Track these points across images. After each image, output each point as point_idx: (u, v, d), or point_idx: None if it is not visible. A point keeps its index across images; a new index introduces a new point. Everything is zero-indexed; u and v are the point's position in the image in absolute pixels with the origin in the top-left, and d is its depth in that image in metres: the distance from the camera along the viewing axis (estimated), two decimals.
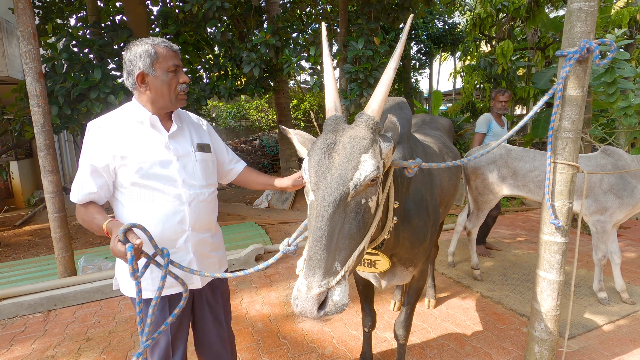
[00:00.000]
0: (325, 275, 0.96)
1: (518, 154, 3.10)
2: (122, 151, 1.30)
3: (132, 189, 1.33)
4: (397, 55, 1.17)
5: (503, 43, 6.58)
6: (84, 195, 1.32)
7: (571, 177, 1.74)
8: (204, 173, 1.46)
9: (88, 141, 1.32)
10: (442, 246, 4.03)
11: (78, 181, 1.32)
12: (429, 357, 2.30)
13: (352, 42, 4.60)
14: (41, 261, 4.25)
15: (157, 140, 1.36)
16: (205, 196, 1.45)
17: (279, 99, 7.30)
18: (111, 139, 1.30)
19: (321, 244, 0.98)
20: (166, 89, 1.33)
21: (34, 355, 2.44)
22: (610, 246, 2.92)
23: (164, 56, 1.32)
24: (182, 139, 1.43)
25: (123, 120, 1.35)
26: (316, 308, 0.94)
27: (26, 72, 3.07)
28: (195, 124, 1.55)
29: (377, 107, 1.15)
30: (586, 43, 1.56)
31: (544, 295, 1.87)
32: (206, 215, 1.46)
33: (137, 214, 1.34)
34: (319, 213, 1.01)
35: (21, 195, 7.99)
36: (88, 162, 1.30)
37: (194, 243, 1.43)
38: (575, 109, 1.68)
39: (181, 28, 5.04)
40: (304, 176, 1.11)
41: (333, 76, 1.26)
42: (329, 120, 1.17)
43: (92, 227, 1.30)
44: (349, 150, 1.05)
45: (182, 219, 1.38)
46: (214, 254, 1.55)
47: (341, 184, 1.01)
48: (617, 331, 2.52)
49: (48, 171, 3.17)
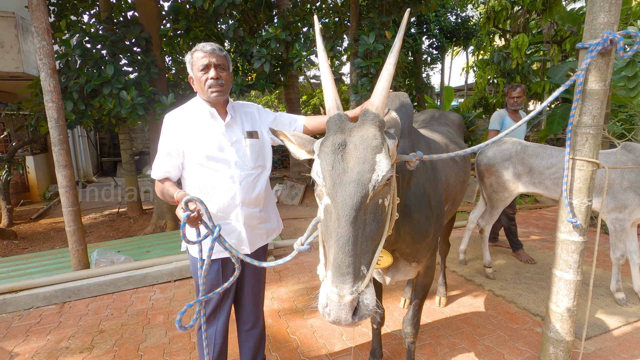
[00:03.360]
0: (355, 281, 0.96)
1: (534, 151, 3.02)
2: (189, 138, 1.58)
3: (196, 169, 1.61)
4: (395, 50, 1.16)
5: (518, 37, 6.43)
6: (161, 173, 1.63)
7: (591, 174, 1.68)
8: (252, 156, 1.67)
9: (164, 130, 1.62)
10: (453, 244, 3.97)
11: (157, 162, 1.63)
12: (439, 355, 2.28)
13: (363, 36, 4.54)
14: (56, 254, 4.34)
15: (216, 128, 1.62)
16: (254, 177, 1.67)
17: (289, 94, 7.28)
18: (180, 128, 1.59)
19: (348, 250, 0.96)
20: (199, 85, 1.59)
21: (49, 345, 2.49)
22: (629, 245, 2.84)
23: (196, 58, 1.57)
24: (236, 127, 1.67)
25: (190, 113, 1.63)
26: (351, 315, 0.95)
27: (40, 67, 3.11)
28: (247, 113, 1.75)
29: (380, 104, 1.13)
30: (609, 34, 1.50)
31: (560, 296, 1.82)
32: (255, 192, 1.68)
33: (198, 191, 1.61)
34: (340, 218, 0.98)
35: (37, 189, 8.17)
36: (164, 147, 1.61)
37: (245, 216, 1.66)
38: (597, 103, 1.62)
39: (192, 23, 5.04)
40: (316, 179, 1.08)
41: (330, 73, 1.23)
42: (333, 119, 1.13)
43: (166, 198, 1.60)
44: (363, 151, 1.03)
45: (234, 195, 1.62)
46: (262, 226, 1.77)
47: (360, 187, 0.99)
48: (635, 333, 2.45)
49: (62, 166, 3.21)
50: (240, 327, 1.90)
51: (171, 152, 1.60)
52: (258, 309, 1.88)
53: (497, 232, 4.18)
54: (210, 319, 1.76)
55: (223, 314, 1.77)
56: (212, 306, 1.74)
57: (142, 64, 4.62)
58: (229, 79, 1.63)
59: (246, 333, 1.89)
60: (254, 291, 1.84)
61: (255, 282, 1.83)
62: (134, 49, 4.76)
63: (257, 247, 1.76)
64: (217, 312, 1.75)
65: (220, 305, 1.75)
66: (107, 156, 12.50)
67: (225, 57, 1.61)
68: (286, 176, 7.77)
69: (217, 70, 1.56)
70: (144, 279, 3.34)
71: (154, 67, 4.65)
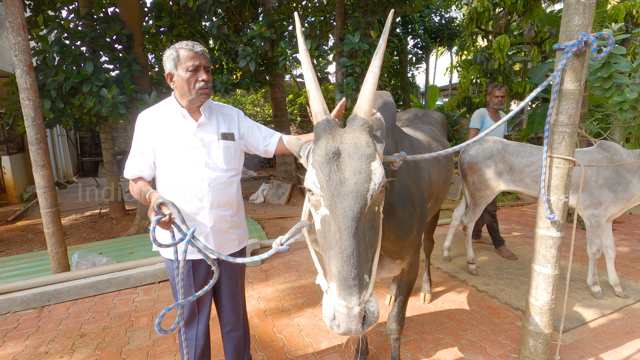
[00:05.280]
0: (361, 292, 0.98)
1: (515, 149, 3.09)
2: (159, 137, 1.57)
3: (166, 169, 1.59)
4: (380, 52, 1.16)
5: (500, 37, 6.57)
6: (134, 172, 1.63)
7: (567, 171, 1.74)
8: (225, 159, 1.65)
9: (136, 129, 1.61)
10: (437, 241, 4.04)
11: (129, 161, 1.63)
12: (424, 351, 2.31)
13: (349, 36, 4.56)
14: (34, 257, 4.21)
15: (187, 128, 1.60)
16: (225, 179, 1.64)
17: (275, 93, 7.24)
18: (152, 128, 1.58)
19: (352, 262, 0.97)
20: (187, 86, 1.54)
21: (27, 351, 2.41)
22: (604, 240, 2.94)
23: (185, 58, 1.52)
24: (209, 128, 1.64)
25: (162, 112, 1.61)
26: (361, 325, 0.98)
27: (16, 64, 3.01)
28: (225, 115, 1.73)
29: (367, 108, 1.13)
30: (584, 36, 1.55)
31: (539, 290, 1.87)
32: (226, 195, 1.65)
33: (168, 190, 1.59)
34: (342, 231, 0.98)
35: (13, 190, 7.90)
36: (136, 146, 1.60)
37: (213, 219, 1.63)
38: (572, 102, 1.67)
39: (175, 21, 4.96)
40: (314, 190, 1.06)
41: (314, 75, 1.19)
42: (322, 125, 1.11)
43: (140, 197, 1.59)
44: (357, 161, 1.03)
45: (202, 197, 1.59)
46: (234, 232, 1.74)
47: (359, 198, 1.00)
48: (610, 324, 2.55)
49: (40, 166, 3.12)
50: (222, 328, 1.89)
51: (143, 151, 1.59)
52: (237, 312, 1.86)
53: (480, 229, 4.27)
54: (190, 322, 1.75)
55: (203, 316, 1.76)
56: (189, 309, 1.72)
57: (124, 62, 4.52)
58: (211, 81, 1.63)
59: (227, 335, 1.89)
60: (231, 293, 1.81)
61: (232, 284, 1.81)
62: (115, 46, 4.65)
63: (227, 252, 1.72)
64: (195, 314, 1.74)
65: (198, 307, 1.74)
66: (88, 156, 12.16)
67: (209, 59, 1.60)
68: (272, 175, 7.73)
69: (206, 72, 1.56)
70: (127, 280, 3.28)
71: (136, 65, 4.55)
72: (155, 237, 1.36)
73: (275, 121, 7.52)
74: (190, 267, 1.67)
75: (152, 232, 1.34)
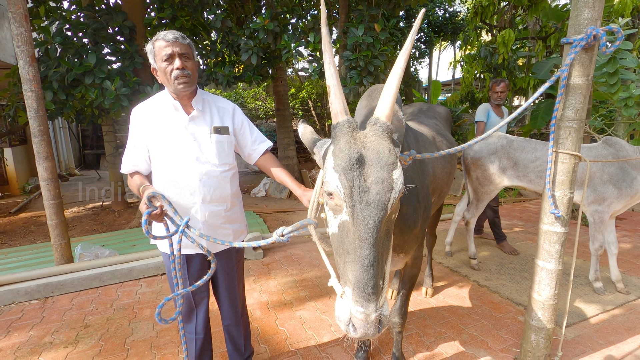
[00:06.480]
0: (378, 298, 1.01)
1: (520, 145, 3.08)
2: (152, 132, 1.55)
3: (159, 163, 1.57)
4: (407, 53, 1.10)
5: (504, 32, 6.50)
6: (129, 167, 1.61)
7: (573, 167, 1.73)
8: (218, 153, 1.61)
9: (131, 123, 1.59)
10: (439, 236, 4.04)
11: (125, 156, 1.61)
12: (426, 344, 2.32)
13: (352, 29, 4.52)
14: (37, 248, 4.23)
15: (178, 122, 1.56)
16: (217, 173, 1.60)
17: (277, 86, 7.21)
18: (145, 122, 1.56)
19: (372, 271, 0.99)
20: (164, 77, 1.51)
21: (32, 341, 2.43)
22: (607, 236, 2.94)
23: (158, 48, 1.48)
24: (201, 122, 1.60)
25: (156, 106, 1.58)
26: (378, 329, 1.01)
27: (18, 55, 2.99)
28: (220, 108, 1.68)
29: (389, 112, 1.09)
30: (593, 30, 1.53)
31: (542, 285, 1.87)
32: (218, 190, 1.62)
33: (161, 184, 1.58)
34: (363, 240, 0.99)
35: (16, 183, 7.92)
36: (130, 140, 1.59)
37: (205, 214, 1.60)
38: (580, 97, 1.66)
39: (177, 12, 4.92)
40: (336, 194, 1.03)
41: (336, 71, 1.14)
42: (343, 125, 1.07)
43: (136, 192, 1.56)
44: (380, 169, 1.01)
45: (193, 192, 1.57)
46: (229, 226, 1.70)
47: (381, 208, 1.00)
48: (611, 320, 2.55)
49: (43, 157, 3.12)
50: (222, 322, 1.90)
51: (137, 146, 1.58)
52: (235, 306, 1.85)
53: (482, 225, 4.27)
54: (189, 316, 1.75)
55: (201, 310, 1.75)
56: (187, 304, 1.72)
57: (126, 54, 4.49)
58: (195, 69, 1.55)
59: (227, 328, 1.89)
60: (227, 287, 1.80)
61: (229, 279, 1.79)
62: (117, 38, 4.63)
63: (220, 247, 1.69)
64: (193, 308, 1.74)
65: (195, 302, 1.73)
66: (90, 148, 12.17)
67: (189, 46, 1.52)
68: None
69: (182, 59, 1.48)
70: (130, 272, 3.29)
71: (138, 57, 4.53)
72: (148, 230, 1.35)
73: (277, 115, 7.50)
74: (184, 261, 1.65)
75: (144, 224, 1.33)
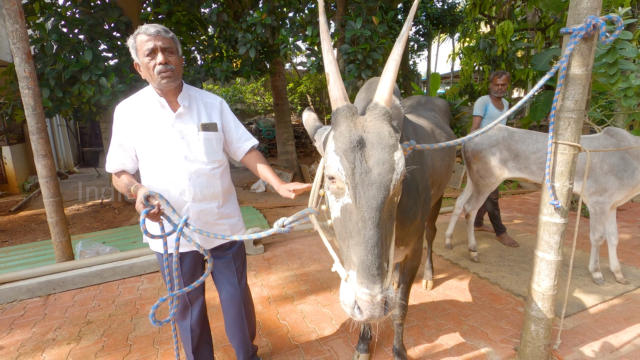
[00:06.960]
0: (383, 280, 1.01)
1: (521, 137, 3.07)
2: (137, 130, 1.50)
3: (146, 162, 1.54)
4: (403, 40, 1.12)
5: (503, 23, 6.46)
6: (115, 166, 1.57)
7: (572, 157, 1.73)
8: (206, 151, 1.57)
9: (114, 121, 1.55)
10: (439, 228, 4.05)
11: (109, 154, 1.57)
12: (426, 336, 2.34)
13: (350, 22, 4.48)
14: (38, 246, 4.24)
15: (164, 120, 1.52)
16: (207, 171, 1.57)
17: (275, 81, 7.17)
18: (129, 119, 1.51)
19: (376, 252, 0.99)
20: (147, 72, 1.47)
21: (35, 337, 2.45)
22: (608, 227, 2.95)
23: (140, 42, 1.43)
24: (188, 119, 1.56)
25: (140, 103, 1.53)
26: (384, 310, 1.01)
27: (14, 52, 2.97)
28: (207, 103, 1.64)
29: (388, 97, 1.11)
30: (592, 19, 1.52)
31: (541, 276, 1.88)
32: (209, 188, 1.59)
33: (150, 183, 1.54)
34: (367, 220, 0.99)
35: (15, 181, 7.91)
36: (115, 139, 1.54)
37: (196, 212, 1.58)
38: (579, 88, 1.65)
39: (174, 7, 4.88)
40: (338, 177, 1.04)
41: (334, 59, 1.16)
42: (343, 111, 1.09)
43: (124, 191, 1.54)
44: (381, 150, 1.03)
45: (182, 191, 1.54)
46: (224, 222, 1.69)
47: (383, 189, 1.01)
48: (610, 310, 2.57)
49: (41, 155, 3.11)
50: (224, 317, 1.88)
51: (123, 144, 1.54)
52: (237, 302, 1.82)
53: (482, 217, 4.28)
54: (183, 313, 1.73)
55: (196, 307, 1.74)
56: (181, 301, 1.71)
57: (123, 50, 4.47)
58: (179, 64, 1.50)
59: (229, 326, 1.88)
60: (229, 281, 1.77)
61: (229, 275, 1.77)
62: (114, 34, 4.59)
63: (216, 243, 1.69)
64: (188, 306, 1.73)
65: (190, 299, 1.72)
66: (89, 146, 12.14)
67: (172, 40, 1.47)
68: (274, 165, 7.72)
69: (165, 54, 1.43)
70: (131, 269, 3.30)
71: None
72: (146, 229, 1.34)
73: (276, 110, 7.47)
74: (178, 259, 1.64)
75: (142, 224, 1.32)
